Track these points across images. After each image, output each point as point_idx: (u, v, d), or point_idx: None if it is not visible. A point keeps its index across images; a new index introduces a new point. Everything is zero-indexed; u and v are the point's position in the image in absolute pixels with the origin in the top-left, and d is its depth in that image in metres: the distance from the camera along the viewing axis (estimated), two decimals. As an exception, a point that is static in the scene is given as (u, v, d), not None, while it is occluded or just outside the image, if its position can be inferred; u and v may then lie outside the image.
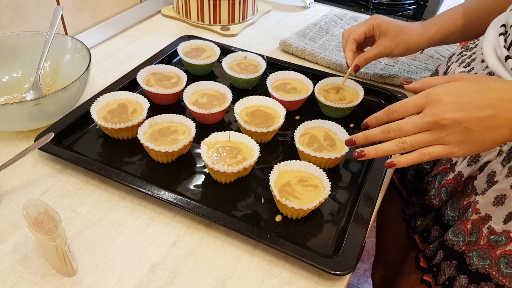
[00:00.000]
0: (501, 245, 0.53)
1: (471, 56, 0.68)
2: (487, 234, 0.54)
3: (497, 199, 0.54)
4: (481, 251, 0.55)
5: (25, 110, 0.62)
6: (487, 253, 0.54)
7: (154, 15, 1.10)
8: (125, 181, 0.59)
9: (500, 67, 0.56)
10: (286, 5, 1.20)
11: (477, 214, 0.56)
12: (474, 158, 0.58)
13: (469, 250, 0.56)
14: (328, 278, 0.52)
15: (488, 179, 0.56)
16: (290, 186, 0.58)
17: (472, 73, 0.65)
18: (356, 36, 0.76)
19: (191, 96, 0.74)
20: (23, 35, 0.74)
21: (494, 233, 0.54)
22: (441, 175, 0.65)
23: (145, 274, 0.51)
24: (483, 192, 0.55)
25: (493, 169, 0.55)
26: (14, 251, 0.52)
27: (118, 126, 0.64)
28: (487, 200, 0.54)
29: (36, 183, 0.61)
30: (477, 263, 0.55)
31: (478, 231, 0.55)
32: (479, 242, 0.55)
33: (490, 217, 0.54)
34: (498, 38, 0.57)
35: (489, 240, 0.54)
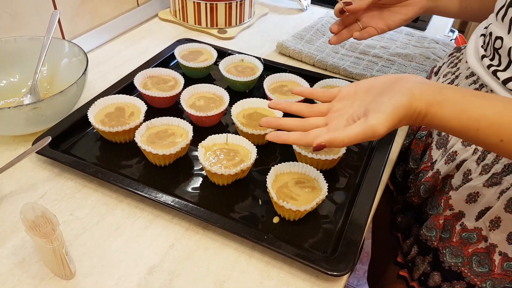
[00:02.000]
0: (473, 242, 0.54)
1: (459, 57, 0.69)
2: (459, 231, 0.55)
3: (469, 196, 0.55)
4: (453, 249, 0.56)
5: (22, 114, 0.62)
6: (460, 250, 0.55)
7: (151, 19, 1.10)
8: (122, 184, 0.59)
9: (478, 66, 0.58)
10: (283, 7, 1.20)
11: (451, 211, 0.57)
12: (451, 156, 0.59)
13: (442, 247, 0.57)
14: (325, 279, 0.52)
15: (464, 177, 0.57)
16: (287, 187, 0.59)
17: (456, 73, 0.66)
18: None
19: (188, 99, 0.74)
20: (21, 39, 0.74)
21: (466, 230, 0.55)
22: (422, 173, 0.66)
23: (143, 276, 0.51)
24: (456, 189, 0.56)
25: (469, 167, 0.56)
26: (12, 254, 0.52)
27: (116, 130, 0.64)
28: (460, 197, 0.55)
29: (34, 186, 0.61)
30: (450, 261, 0.56)
31: (451, 228, 0.56)
32: (452, 239, 0.56)
33: (463, 214, 0.56)
34: (479, 38, 0.59)
35: (461, 237, 0.55)
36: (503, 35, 0.53)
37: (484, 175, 0.54)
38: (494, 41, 0.55)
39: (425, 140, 0.70)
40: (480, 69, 0.57)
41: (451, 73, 0.68)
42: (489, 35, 0.57)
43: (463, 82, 0.62)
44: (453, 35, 1.09)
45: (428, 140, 0.69)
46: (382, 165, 0.65)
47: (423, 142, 0.70)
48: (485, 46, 0.58)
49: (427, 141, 0.69)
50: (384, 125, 0.42)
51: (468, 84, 0.61)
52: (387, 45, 0.99)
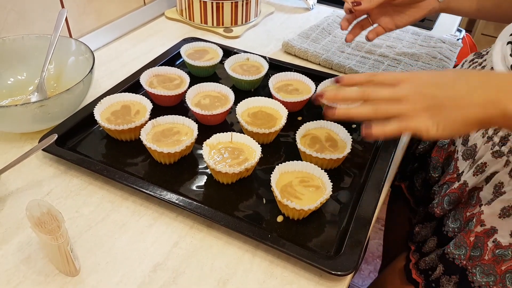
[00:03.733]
0: (507, 259, 0.51)
1: (482, 63, 0.67)
2: (492, 248, 0.52)
3: (503, 210, 0.52)
4: (485, 267, 0.52)
5: (29, 112, 0.62)
6: (492, 268, 0.52)
7: (158, 18, 1.10)
8: (128, 182, 0.59)
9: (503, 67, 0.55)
10: (289, 6, 1.20)
11: (482, 227, 0.53)
12: (480, 168, 0.56)
13: (472, 266, 0.54)
14: (329, 278, 0.52)
15: (495, 190, 0.54)
16: (291, 186, 0.59)
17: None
18: None
19: (194, 98, 0.75)
20: (28, 38, 0.75)
21: (500, 247, 0.51)
22: (447, 185, 0.63)
23: (147, 274, 0.51)
24: (489, 203, 0.53)
25: (501, 180, 0.53)
26: (18, 251, 0.53)
27: (121, 128, 0.65)
28: (493, 211, 0.52)
29: (40, 184, 0.62)
30: (480, 280, 0.52)
31: (482, 245, 0.53)
32: (483, 257, 0.53)
33: (496, 230, 0.52)
34: (506, 46, 0.57)
35: (494, 254, 0.52)
36: None
37: None
38: None
39: (447, 148, 0.67)
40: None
41: None
42: None
43: None
44: (460, 34, 1.08)
45: (451, 148, 0.66)
46: (387, 165, 0.65)
47: (445, 151, 0.67)
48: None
49: (449, 149, 0.67)
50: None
51: None
52: (393, 44, 0.99)
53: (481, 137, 0.58)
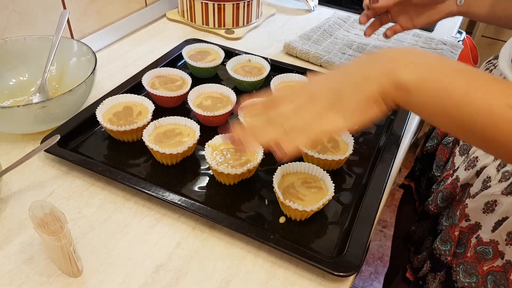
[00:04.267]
0: (488, 258, 0.50)
1: (495, 63, 0.67)
2: (474, 244, 0.52)
3: (487, 205, 0.51)
4: (468, 265, 0.52)
5: (31, 113, 0.62)
6: (474, 268, 0.51)
7: (159, 19, 1.10)
8: (130, 183, 0.59)
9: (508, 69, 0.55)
10: (290, 8, 1.20)
11: (467, 221, 0.53)
12: (472, 162, 0.56)
13: (456, 264, 0.53)
14: (331, 279, 0.52)
15: (483, 185, 0.53)
16: (293, 187, 0.59)
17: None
18: None
19: (196, 99, 0.75)
20: (30, 39, 0.75)
21: (481, 243, 0.51)
22: (443, 181, 0.63)
23: (150, 275, 0.51)
24: (473, 196, 0.53)
25: (489, 174, 0.53)
26: (20, 251, 0.53)
27: (123, 129, 0.65)
28: (477, 205, 0.52)
29: (42, 184, 0.62)
30: (463, 280, 0.52)
31: (466, 241, 0.53)
32: (466, 254, 0.52)
33: (480, 226, 0.52)
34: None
35: (476, 251, 0.51)
36: None
37: (503, 182, 0.50)
38: None
39: (451, 147, 0.66)
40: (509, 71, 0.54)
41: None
42: None
43: None
44: (461, 36, 1.08)
45: (455, 148, 0.66)
46: (389, 166, 0.65)
47: (449, 149, 0.67)
48: None
49: (453, 148, 0.66)
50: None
51: None
52: (394, 46, 0.99)
53: None
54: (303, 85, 0.46)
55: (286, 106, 0.44)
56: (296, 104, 0.44)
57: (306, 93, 0.44)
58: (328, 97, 0.42)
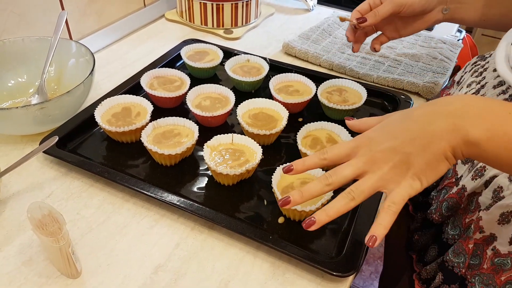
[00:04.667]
0: (506, 269, 0.49)
1: (484, 65, 0.66)
2: (491, 256, 0.50)
3: (502, 216, 0.50)
4: (484, 277, 0.51)
5: (30, 114, 0.62)
6: (491, 278, 0.50)
7: (158, 19, 1.10)
8: (128, 184, 0.59)
9: (510, 74, 0.54)
10: (289, 8, 1.20)
11: (481, 233, 0.52)
12: (479, 172, 0.55)
13: (471, 275, 0.52)
14: (331, 279, 0.52)
15: (494, 195, 0.52)
16: (292, 188, 0.59)
17: (482, 83, 0.63)
18: (360, 7, 0.73)
19: (194, 99, 0.75)
20: (28, 40, 0.75)
21: (499, 255, 0.50)
22: (445, 189, 0.62)
23: (149, 276, 0.51)
24: (487, 208, 0.52)
25: (500, 184, 0.51)
26: (19, 253, 0.53)
27: (122, 129, 0.65)
28: (492, 217, 0.51)
29: (41, 186, 0.62)
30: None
31: (481, 253, 0.52)
32: (482, 266, 0.51)
33: (495, 238, 0.51)
34: (510, 46, 0.56)
35: (493, 263, 0.50)
36: None
37: None
38: None
39: None
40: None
41: (476, 83, 0.65)
42: None
43: (490, 91, 0.59)
44: (461, 35, 1.08)
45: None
46: (388, 166, 0.64)
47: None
48: None
49: None
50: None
51: (497, 94, 0.58)
52: (393, 45, 0.99)
53: None
54: (357, 143, 0.45)
55: (346, 169, 0.44)
56: (355, 167, 0.44)
57: (365, 155, 0.44)
58: (393, 160, 0.42)
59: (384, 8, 0.71)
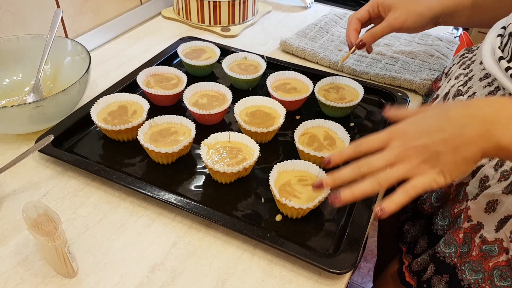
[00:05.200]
0: (494, 255, 0.51)
1: (472, 58, 0.67)
2: (479, 243, 0.52)
3: (489, 205, 0.52)
4: (473, 263, 0.52)
5: (25, 113, 0.62)
6: (480, 265, 0.52)
7: (155, 17, 1.10)
8: (125, 183, 0.59)
9: (495, 67, 0.55)
10: (286, 5, 1.20)
11: (469, 222, 0.53)
12: None
13: (461, 263, 0.53)
14: (328, 277, 0.52)
15: (480, 184, 0.54)
16: (290, 185, 0.58)
17: (469, 75, 0.64)
18: (359, 15, 0.74)
19: (191, 97, 0.74)
20: (24, 38, 0.74)
21: (486, 242, 0.51)
22: None
23: (146, 274, 0.51)
24: (475, 197, 0.53)
25: (486, 173, 0.53)
26: (15, 253, 0.52)
27: (118, 128, 0.64)
28: (479, 206, 0.52)
29: (37, 185, 0.61)
30: (469, 278, 0.52)
31: (470, 241, 0.53)
32: (471, 253, 0.53)
33: (482, 226, 0.52)
34: (496, 39, 0.57)
35: (481, 250, 0.52)
36: None
37: (503, 182, 0.51)
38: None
39: None
40: (497, 71, 0.54)
41: (464, 75, 0.66)
42: (508, 36, 0.54)
43: (477, 84, 0.60)
44: (457, 32, 1.08)
45: None
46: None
47: None
48: (503, 47, 0.55)
49: None
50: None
51: (483, 86, 0.59)
52: (390, 43, 0.99)
53: None
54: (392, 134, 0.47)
55: (378, 161, 0.46)
56: (387, 159, 0.45)
57: (398, 148, 0.45)
58: (423, 156, 0.44)
59: (381, 31, 0.72)
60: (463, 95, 0.62)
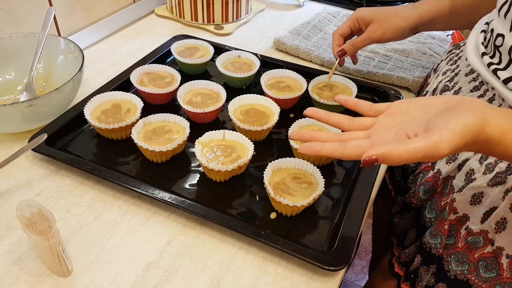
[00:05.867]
0: (479, 247, 0.51)
1: (459, 54, 0.68)
2: (464, 235, 0.53)
3: (474, 197, 0.52)
4: (459, 255, 0.53)
5: (18, 112, 0.62)
6: (465, 256, 0.52)
7: (148, 15, 1.09)
8: (119, 181, 0.59)
9: (478, 63, 0.56)
10: (279, 3, 1.20)
11: (455, 214, 0.54)
12: (452, 155, 0.57)
13: (447, 255, 0.54)
14: (322, 274, 0.52)
15: (466, 177, 0.54)
16: (284, 183, 0.59)
17: (456, 71, 0.65)
18: (341, 30, 0.76)
19: (185, 96, 0.74)
20: (16, 36, 0.74)
21: (471, 233, 0.52)
22: (422, 173, 0.63)
23: (141, 273, 0.51)
24: (460, 190, 0.54)
25: (471, 167, 0.54)
26: (9, 252, 0.52)
27: (112, 126, 0.64)
28: (464, 198, 0.53)
29: (30, 184, 0.61)
30: (455, 269, 0.53)
31: (456, 233, 0.54)
32: (457, 245, 0.53)
33: (468, 217, 0.53)
34: (480, 34, 0.58)
35: (467, 241, 0.52)
36: (505, 32, 0.51)
37: (488, 174, 0.51)
38: (495, 38, 0.53)
39: None
40: (481, 67, 0.55)
41: (451, 71, 0.67)
42: (490, 32, 0.55)
43: (462, 79, 0.61)
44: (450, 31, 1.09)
45: None
46: (379, 161, 0.65)
47: None
48: (486, 43, 0.56)
49: None
50: (449, 144, 0.36)
51: (468, 81, 0.60)
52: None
53: None
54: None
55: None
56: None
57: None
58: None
59: (361, 43, 0.76)
60: (449, 90, 0.63)
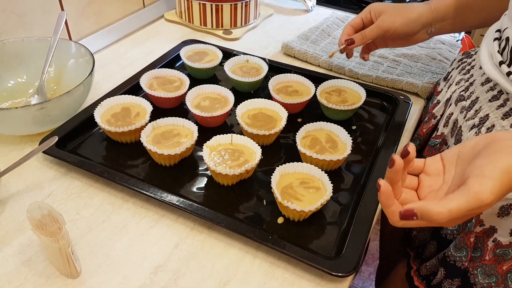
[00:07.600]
0: (508, 258, 0.50)
1: (471, 63, 0.67)
2: (492, 248, 0.52)
3: (502, 209, 0.51)
4: (486, 267, 0.52)
5: (29, 114, 0.63)
6: (493, 269, 0.51)
7: (157, 20, 1.10)
8: (128, 184, 0.59)
9: (496, 73, 0.55)
10: (288, 8, 1.21)
11: (481, 227, 0.53)
12: None
13: (473, 267, 0.53)
14: (330, 280, 0.52)
15: None
16: (292, 188, 0.59)
17: (470, 80, 0.64)
18: (353, 22, 0.76)
19: (194, 100, 0.75)
20: (28, 40, 0.75)
21: (500, 246, 0.51)
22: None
23: (148, 276, 0.51)
24: None
25: None
26: (19, 253, 0.53)
27: (122, 130, 0.65)
28: (492, 210, 0.52)
29: (40, 186, 0.62)
30: (482, 281, 0.52)
31: (482, 245, 0.53)
32: (484, 258, 0.52)
33: (495, 230, 0.52)
34: (493, 43, 0.57)
35: (495, 254, 0.51)
36: None
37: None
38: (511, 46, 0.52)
39: (439, 148, 0.67)
40: (498, 76, 0.53)
41: (465, 80, 0.66)
42: (505, 40, 0.54)
43: (479, 89, 0.60)
44: (459, 35, 1.08)
45: (443, 148, 0.66)
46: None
47: (437, 150, 0.67)
48: (501, 51, 0.55)
49: (441, 149, 0.66)
50: (492, 192, 0.34)
51: (485, 91, 0.58)
52: (392, 46, 0.99)
53: (474, 135, 0.57)
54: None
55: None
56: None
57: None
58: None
59: (370, 32, 0.74)
60: (465, 100, 0.62)
